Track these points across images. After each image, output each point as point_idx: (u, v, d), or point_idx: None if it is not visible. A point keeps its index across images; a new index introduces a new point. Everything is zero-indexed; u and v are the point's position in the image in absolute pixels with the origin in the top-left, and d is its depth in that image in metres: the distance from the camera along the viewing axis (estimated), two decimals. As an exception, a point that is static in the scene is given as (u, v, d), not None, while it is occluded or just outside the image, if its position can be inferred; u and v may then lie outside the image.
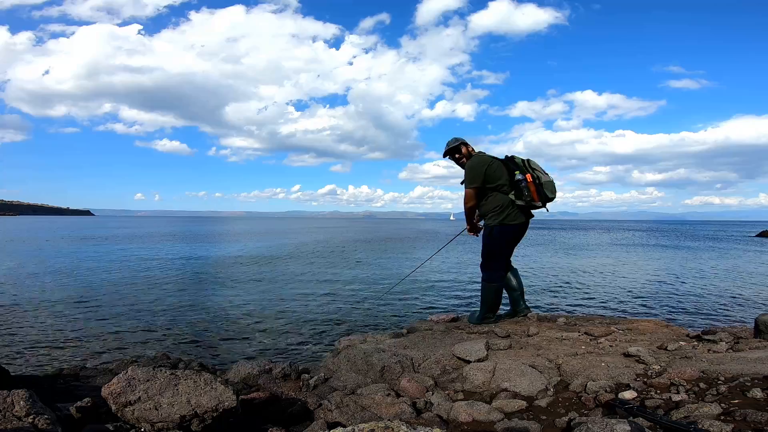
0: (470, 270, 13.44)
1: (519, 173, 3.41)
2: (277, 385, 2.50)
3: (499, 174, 3.47)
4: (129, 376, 1.67)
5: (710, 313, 7.52)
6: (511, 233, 3.57)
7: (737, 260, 17.40)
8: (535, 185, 3.40)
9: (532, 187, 3.39)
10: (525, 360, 2.63)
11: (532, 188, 3.39)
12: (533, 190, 3.40)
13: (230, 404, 1.65)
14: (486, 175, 3.46)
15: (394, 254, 19.77)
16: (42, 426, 1.37)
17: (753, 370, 2.17)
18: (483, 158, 3.53)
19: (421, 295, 8.97)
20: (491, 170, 3.45)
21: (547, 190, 3.44)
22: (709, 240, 34.26)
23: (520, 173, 3.41)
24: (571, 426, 1.77)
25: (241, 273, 12.33)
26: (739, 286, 10.67)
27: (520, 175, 3.40)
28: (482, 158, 3.53)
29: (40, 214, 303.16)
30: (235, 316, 6.83)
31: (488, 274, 3.67)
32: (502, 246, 3.62)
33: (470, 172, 3.49)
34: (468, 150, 3.70)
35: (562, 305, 8.19)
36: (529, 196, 3.39)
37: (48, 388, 2.30)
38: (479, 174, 3.45)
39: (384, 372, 2.59)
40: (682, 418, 1.75)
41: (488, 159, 3.52)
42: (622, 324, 3.71)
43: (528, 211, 3.57)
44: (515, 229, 3.56)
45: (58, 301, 7.79)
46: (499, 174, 3.47)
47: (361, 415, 2.01)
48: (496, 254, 3.62)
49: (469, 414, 2.00)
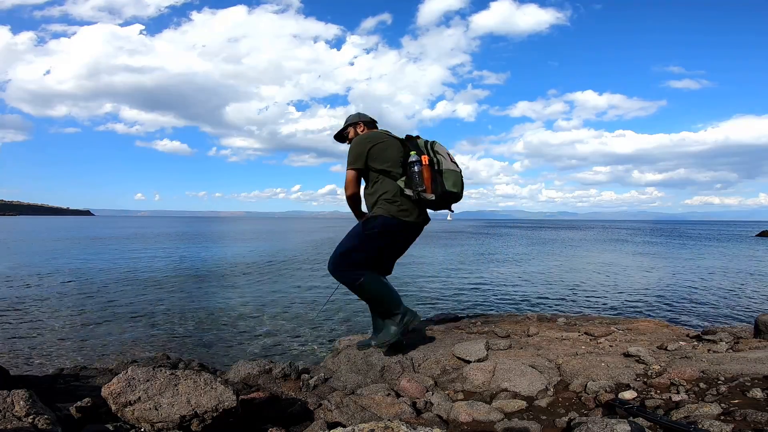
0: (470, 270, 13.44)
1: (414, 154, 2.61)
2: (277, 385, 2.50)
3: (390, 154, 2.68)
4: (129, 376, 1.67)
5: (710, 313, 7.52)
6: (398, 232, 2.71)
7: (737, 260, 17.40)
8: (431, 171, 2.61)
9: (427, 172, 2.59)
10: (525, 360, 2.63)
11: (426, 174, 2.58)
12: (427, 177, 2.58)
13: (230, 404, 1.65)
14: (370, 155, 2.68)
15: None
16: (42, 426, 1.37)
17: (753, 370, 2.17)
18: (370, 135, 2.77)
19: (421, 295, 8.97)
20: (378, 149, 2.68)
21: (448, 181, 2.61)
22: (709, 240, 34.27)
23: (416, 154, 2.61)
24: (571, 426, 1.77)
25: (240, 273, 12.33)
26: (739, 286, 10.67)
27: (415, 156, 2.60)
28: (369, 135, 2.77)
29: (40, 214, 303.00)
30: (235, 316, 6.83)
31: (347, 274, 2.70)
32: (380, 246, 2.72)
33: (351, 150, 2.73)
34: (357, 131, 2.94)
35: (562, 305, 8.19)
36: (420, 184, 2.57)
37: (48, 388, 2.30)
38: (362, 153, 2.67)
39: (384, 372, 2.59)
40: (682, 418, 1.75)
41: (377, 136, 2.76)
42: (622, 324, 3.72)
43: (423, 209, 2.74)
44: (406, 228, 2.71)
45: (58, 301, 7.79)
46: (390, 154, 2.68)
47: (361, 415, 2.01)
48: (364, 256, 2.70)
49: (469, 414, 2.01)
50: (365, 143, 2.69)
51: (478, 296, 9.02)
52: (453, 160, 2.72)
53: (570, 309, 7.76)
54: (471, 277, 11.86)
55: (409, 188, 2.59)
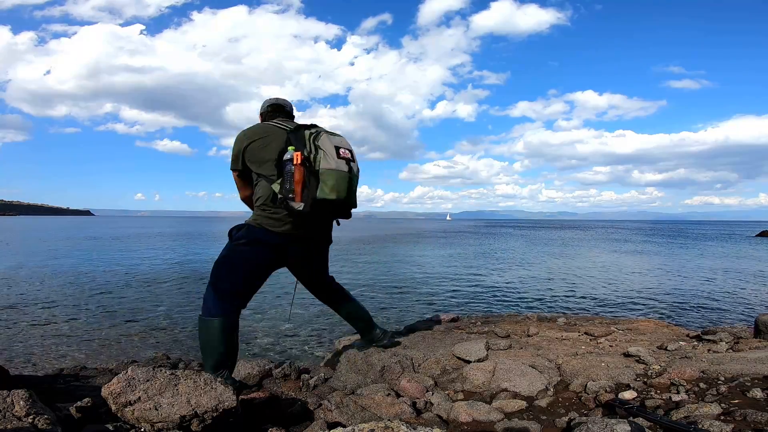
0: (470, 270, 13.44)
1: (292, 150, 2.08)
2: (277, 385, 2.50)
3: (268, 153, 2.20)
4: (129, 376, 1.67)
5: (710, 313, 7.52)
6: (267, 245, 2.22)
7: (737, 260, 17.40)
8: (304, 171, 2.05)
9: (298, 173, 2.04)
10: (525, 360, 2.63)
11: (297, 176, 2.04)
12: (297, 180, 2.04)
13: (230, 404, 1.65)
14: (246, 154, 2.25)
15: (393, 253, 19.76)
16: (42, 426, 1.37)
17: (753, 370, 2.17)
18: (249, 130, 2.30)
19: (421, 295, 8.96)
20: (255, 146, 2.23)
21: (325, 185, 2.05)
22: (709, 240, 34.26)
23: (293, 150, 2.08)
24: (571, 426, 1.77)
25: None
26: (739, 286, 10.67)
27: (290, 153, 2.08)
28: (248, 130, 2.31)
29: (40, 214, 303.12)
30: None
31: (210, 302, 2.24)
32: (249, 263, 2.23)
33: (232, 148, 2.32)
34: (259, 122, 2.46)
35: (562, 305, 8.19)
36: (290, 189, 2.06)
37: (48, 388, 2.30)
38: (238, 152, 2.27)
39: (384, 372, 2.59)
40: (682, 418, 1.75)
41: (258, 130, 2.29)
42: (622, 324, 3.72)
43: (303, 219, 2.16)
44: (276, 240, 2.22)
45: (59, 301, 7.79)
46: (268, 153, 2.20)
47: (361, 415, 2.01)
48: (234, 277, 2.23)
49: (469, 414, 2.01)
50: (241, 141, 2.28)
51: (478, 296, 9.02)
52: (344, 156, 2.14)
53: (570, 309, 7.76)
54: (471, 277, 11.86)
55: (282, 193, 2.09)
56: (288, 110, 2.50)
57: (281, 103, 2.49)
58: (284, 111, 2.47)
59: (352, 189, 2.20)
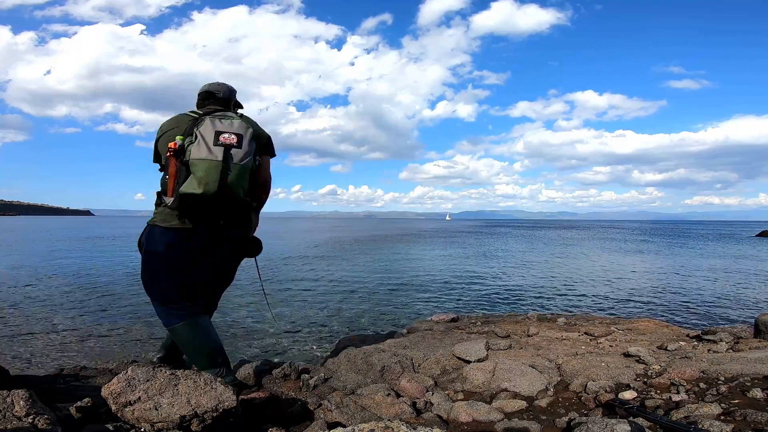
0: (470, 269, 13.44)
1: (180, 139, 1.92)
2: (277, 385, 2.50)
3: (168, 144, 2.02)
4: (129, 376, 1.67)
5: (710, 313, 7.52)
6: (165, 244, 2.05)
7: (737, 260, 17.40)
8: (177, 162, 1.90)
9: (172, 165, 1.91)
10: (525, 360, 2.63)
11: (171, 168, 1.92)
12: (171, 173, 1.92)
13: (230, 404, 1.66)
14: (159, 147, 2.12)
15: (393, 253, 19.76)
16: (42, 426, 1.37)
17: (753, 370, 2.17)
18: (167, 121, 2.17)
19: (421, 295, 8.96)
20: (165, 138, 2.07)
21: (195, 176, 1.84)
22: (709, 240, 34.26)
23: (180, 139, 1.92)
24: (571, 426, 1.77)
25: (239, 273, 12.33)
26: (739, 286, 10.67)
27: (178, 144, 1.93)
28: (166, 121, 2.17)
29: (40, 214, 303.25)
30: (234, 316, 6.83)
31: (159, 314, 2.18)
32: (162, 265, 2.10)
33: None
34: None
35: (562, 305, 8.18)
36: (164, 182, 1.99)
37: (48, 388, 2.30)
38: (154, 146, 2.16)
39: (384, 372, 2.59)
40: (682, 418, 1.75)
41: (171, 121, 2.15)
42: (622, 324, 3.72)
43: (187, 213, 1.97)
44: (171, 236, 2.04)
45: (59, 301, 7.79)
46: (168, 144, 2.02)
47: (361, 415, 2.01)
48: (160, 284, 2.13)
49: (469, 414, 2.01)
50: (157, 134, 2.15)
51: (478, 296, 9.02)
52: (223, 142, 1.88)
53: (570, 309, 7.76)
54: (471, 277, 11.86)
55: (162, 187, 2.01)
56: (221, 96, 2.26)
57: (212, 89, 2.26)
58: (215, 98, 2.24)
59: (228, 181, 1.86)
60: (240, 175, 1.91)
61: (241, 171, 1.91)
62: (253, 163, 2.00)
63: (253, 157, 2.00)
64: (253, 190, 2.12)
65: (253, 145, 1.99)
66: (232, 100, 2.34)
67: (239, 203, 1.99)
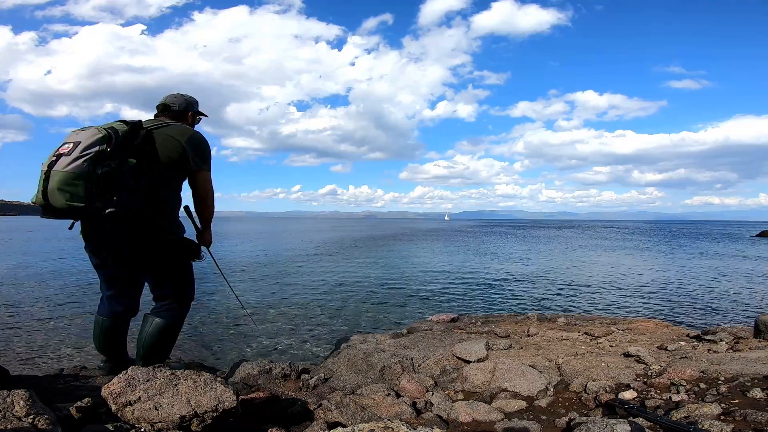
0: (470, 269, 13.44)
1: None
2: (277, 385, 2.50)
3: None
4: (129, 376, 1.67)
5: (710, 313, 7.52)
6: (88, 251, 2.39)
7: (737, 260, 17.40)
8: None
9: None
10: (525, 360, 2.63)
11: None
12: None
13: (230, 404, 1.65)
14: None
15: (393, 253, 19.76)
16: (42, 426, 1.37)
17: (753, 370, 2.17)
18: None
19: (421, 295, 8.96)
20: None
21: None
22: (708, 240, 34.26)
23: None
24: (571, 426, 1.77)
25: (240, 273, 12.33)
26: (739, 286, 10.67)
27: None
28: None
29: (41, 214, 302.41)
30: (235, 316, 6.83)
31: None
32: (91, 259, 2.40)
33: None
34: None
35: (562, 305, 8.18)
36: None
37: (48, 388, 2.30)
38: None
39: (384, 372, 2.59)
40: (682, 418, 1.75)
41: None
42: (622, 324, 3.72)
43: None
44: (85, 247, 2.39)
45: (59, 301, 7.79)
46: None
47: (361, 415, 2.01)
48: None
49: (469, 414, 2.01)
50: None
51: (478, 296, 9.02)
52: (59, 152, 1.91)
53: (570, 309, 7.76)
54: (471, 276, 11.86)
55: None
56: (176, 109, 2.39)
57: (168, 102, 2.40)
58: (170, 110, 2.38)
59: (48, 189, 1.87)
60: (63, 182, 1.86)
61: (64, 177, 1.86)
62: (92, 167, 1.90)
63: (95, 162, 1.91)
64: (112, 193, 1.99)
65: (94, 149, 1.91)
66: (189, 112, 2.45)
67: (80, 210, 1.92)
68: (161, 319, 2.40)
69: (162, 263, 2.34)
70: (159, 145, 2.13)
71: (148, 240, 2.22)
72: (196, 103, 2.50)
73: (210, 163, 2.32)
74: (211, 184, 2.31)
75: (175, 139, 2.18)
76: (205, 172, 2.27)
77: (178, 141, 2.19)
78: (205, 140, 2.32)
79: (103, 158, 1.92)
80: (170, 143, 2.17)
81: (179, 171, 2.22)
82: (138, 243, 2.21)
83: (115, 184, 1.96)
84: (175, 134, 2.20)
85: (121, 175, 1.98)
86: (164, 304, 2.42)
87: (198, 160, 2.23)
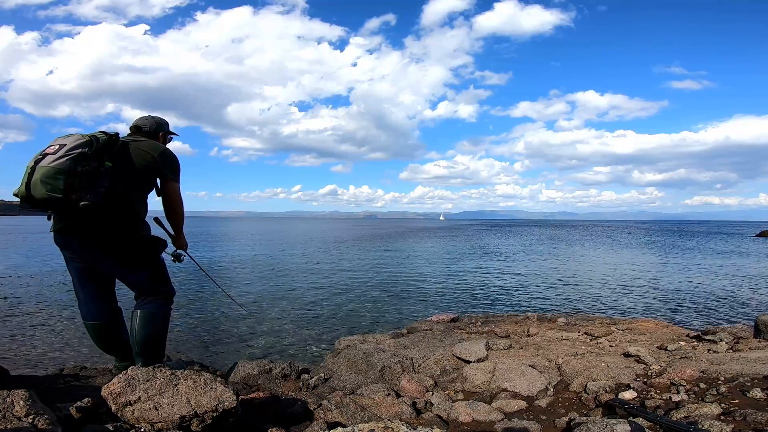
0: (470, 269, 13.45)
1: None
2: (277, 385, 2.50)
3: None
4: (129, 376, 1.67)
5: (710, 313, 7.52)
6: (60, 249, 2.45)
7: (737, 260, 17.40)
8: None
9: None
10: (525, 360, 2.63)
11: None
12: None
13: (230, 404, 1.65)
14: None
15: (393, 253, 19.76)
16: (42, 426, 1.37)
17: (753, 370, 2.17)
18: None
19: (421, 295, 8.96)
20: None
21: None
22: (708, 240, 34.27)
23: None
24: (571, 426, 1.77)
25: (240, 273, 12.33)
26: (739, 286, 10.67)
27: None
28: None
29: (42, 215, 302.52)
30: (235, 316, 6.84)
31: None
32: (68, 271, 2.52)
33: None
34: None
35: (562, 305, 8.18)
36: None
37: (48, 388, 2.30)
38: None
39: (384, 372, 2.59)
40: (682, 418, 1.75)
41: None
42: (622, 324, 3.72)
43: (61, 215, 2.30)
44: (57, 240, 2.41)
45: (59, 301, 7.79)
46: None
47: (361, 415, 2.01)
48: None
49: (469, 414, 2.00)
50: None
51: (478, 296, 9.02)
52: (45, 151, 2.12)
53: (570, 309, 7.76)
54: (471, 276, 11.86)
55: None
56: (147, 130, 2.64)
57: (139, 124, 2.67)
58: (142, 131, 2.63)
59: (32, 182, 2.05)
60: (46, 175, 2.05)
61: (47, 171, 2.05)
62: (73, 165, 2.08)
63: (77, 161, 2.09)
64: (88, 190, 2.15)
65: (77, 151, 2.10)
66: (160, 132, 2.69)
67: (57, 200, 2.08)
68: (144, 310, 2.51)
69: (131, 257, 2.46)
70: (133, 155, 2.37)
71: (116, 234, 2.36)
72: (167, 124, 2.76)
73: (179, 175, 2.55)
74: (179, 194, 2.55)
75: (147, 152, 2.43)
76: (174, 183, 2.51)
77: (150, 154, 2.43)
78: (174, 156, 2.56)
79: (84, 159, 2.13)
80: (143, 155, 2.41)
81: (148, 180, 2.45)
82: (106, 236, 2.35)
83: (92, 182, 2.15)
84: (147, 148, 2.44)
85: (98, 175, 2.17)
86: (144, 299, 2.54)
87: (168, 172, 2.47)
